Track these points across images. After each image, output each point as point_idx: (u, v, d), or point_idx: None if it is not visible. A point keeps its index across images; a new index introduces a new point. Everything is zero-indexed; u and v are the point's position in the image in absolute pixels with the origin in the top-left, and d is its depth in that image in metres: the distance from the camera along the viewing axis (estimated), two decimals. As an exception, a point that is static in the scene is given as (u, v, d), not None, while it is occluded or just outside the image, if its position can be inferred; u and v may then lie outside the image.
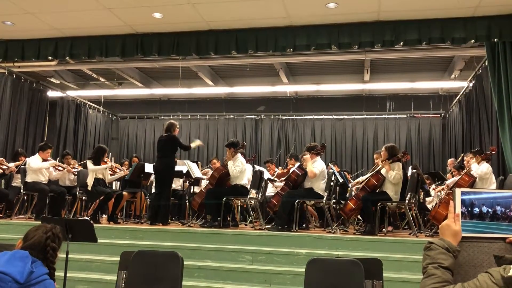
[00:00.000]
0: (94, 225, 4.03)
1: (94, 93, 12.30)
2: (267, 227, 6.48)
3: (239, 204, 8.02)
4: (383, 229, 6.43)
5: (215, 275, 4.99)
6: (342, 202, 7.10)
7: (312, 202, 6.57)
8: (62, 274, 3.73)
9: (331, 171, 6.67)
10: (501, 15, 6.53)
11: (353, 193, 7.30)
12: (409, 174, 6.72)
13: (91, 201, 7.66)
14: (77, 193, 7.76)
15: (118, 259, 3.50)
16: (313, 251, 5.15)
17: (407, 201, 6.08)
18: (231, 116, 12.70)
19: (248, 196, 6.76)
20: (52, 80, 11.31)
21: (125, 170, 7.88)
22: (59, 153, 9.86)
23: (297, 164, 7.16)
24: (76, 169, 8.07)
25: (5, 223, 6.66)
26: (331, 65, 10.44)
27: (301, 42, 7.11)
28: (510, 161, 6.48)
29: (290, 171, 7.02)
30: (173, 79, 11.50)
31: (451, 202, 1.60)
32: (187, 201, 8.08)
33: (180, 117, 12.63)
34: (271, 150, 12.20)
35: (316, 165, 6.45)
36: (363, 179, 7.02)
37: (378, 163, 6.91)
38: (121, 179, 8.15)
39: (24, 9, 6.93)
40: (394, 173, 6.05)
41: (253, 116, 12.56)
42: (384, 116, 11.82)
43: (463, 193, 1.61)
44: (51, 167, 7.65)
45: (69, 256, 3.78)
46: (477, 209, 1.60)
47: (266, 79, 11.26)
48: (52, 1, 6.65)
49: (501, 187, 6.29)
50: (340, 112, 12.00)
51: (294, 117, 12.33)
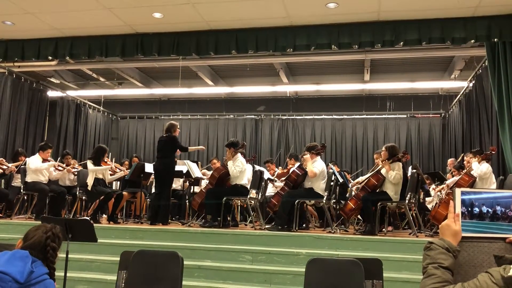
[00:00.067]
0: (94, 225, 4.03)
1: (94, 93, 12.30)
2: (267, 227, 6.48)
3: (239, 204, 8.02)
4: (383, 229, 6.43)
5: (215, 275, 4.99)
6: (342, 202, 7.10)
7: (312, 202, 6.57)
8: (62, 274, 3.73)
9: (331, 171, 6.67)
10: (501, 15, 6.53)
11: (353, 193, 7.30)
12: (409, 174, 6.72)
13: (91, 201, 7.66)
14: (77, 193, 7.76)
15: (118, 259, 3.50)
16: (313, 251, 5.15)
17: (407, 201, 6.08)
18: (231, 116, 12.70)
19: (248, 196, 6.76)
20: (52, 80, 11.31)
21: (125, 170, 7.87)
22: (59, 153, 9.86)
23: (297, 164, 7.16)
24: (76, 169, 8.07)
25: (5, 223, 6.66)
26: (331, 65, 10.44)
27: (301, 42, 7.11)
28: (510, 161, 6.49)
29: (290, 171, 7.02)
30: (173, 79, 11.50)
31: (451, 202, 1.60)
32: (187, 201, 8.08)
33: (180, 117, 12.63)
34: (271, 150, 12.20)
35: (316, 165, 6.45)
36: (362, 179, 7.02)
37: (378, 163, 6.91)
38: (121, 179, 8.15)
39: (24, 9, 6.93)
40: (394, 173, 6.05)
41: (253, 116, 12.56)
42: (384, 116, 11.82)
43: (463, 193, 1.61)
44: (51, 167, 7.65)
45: (69, 256, 3.78)
46: (477, 209, 1.60)
47: (266, 79, 11.26)
48: (52, 1, 6.65)
49: (501, 187, 6.29)
50: (340, 112, 12.00)
51: (294, 117, 12.33)
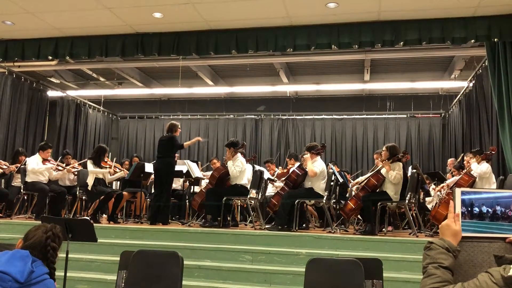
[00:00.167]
0: (94, 224, 4.03)
1: (94, 92, 12.30)
2: (267, 227, 6.49)
3: (239, 204, 8.02)
4: (383, 229, 6.43)
5: (215, 274, 4.99)
6: (342, 202, 7.10)
7: (312, 202, 6.57)
8: (62, 274, 3.73)
9: (331, 171, 6.67)
10: (501, 15, 6.53)
11: (353, 193, 7.30)
12: (409, 174, 6.72)
13: (91, 200, 7.66)
14: (77, 193, 7.76)
15: (118, 258, 3.50)
16: (313, 251, 5.15)
17: (407, 201, 6.08)
18: (231, 116, 12.70)
19: (248, 196, 6.76)
20: (52, 79, 11.30)
21: (125, 170, 7.87)
22: (59, 152, 9.87)
23: (297, 164, 7.16)
24: (76, 169, 8.07)
25: (5, 222, 6.66)
26: (331, 65, 10.44)
27: (301, 42, 7.11)
28: (510, 161, 6.49)
29: (290, 171, 7.02)
30: (173, 79, 11.51)
31: (451, 202, 1.60)
32: (187, 201, 8.08)
33: (180, 117, 12.63)
34: (271, 150, 12.20)
35: (316, 164, 6.45)
36: (362, 179, 7.02)
37: (378, 163, 6.91)
38: (121, 179, 8.16)
39: (24, 9, 6.93)
40: (394, 173, 6.05)
41: (253, 116, 12.56)
42: (384, 116, 11.82)
43: (463, 193, 1.61)
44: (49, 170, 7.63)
45: (69, 255, 3.78)
46: (477, 209, 1.60)
47: (266, 79, 11.25)
48: (52, 1, 6.65)
49: (501, 187, 6.29)
50: (340, 112, 12.00)
51: (294, 117, 12.33)
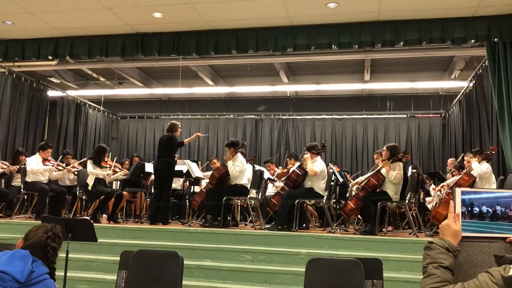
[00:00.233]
0: (94, 224, 4.03)
1: (94, 92, 12.30)
2: (267, 226, 6.49)
3: (239, 203, 8.03)
4: (383, 229, 6.43)
5: (215, 274, 4.99)
6: (342, 202, 7.10)
7: (312, 201, 6.57)
8: (62, 274, 3.73)
9: (331, 171, 6.67)
10: (501, 15, 6.53)
11: (353, 193, 7.30)
12: (409, 174, 6.72)
13: (91, 200, 7.66)
14: (77, 193, 7.76)
15: (118, 258, 3.50)
16: (313, 251, 5.15)
17: (407, 201, 6.08)
18: (231, 116, 12.70)
19: (248, 196, 6.76)
20: (52, 79, 11.31)
21: (125, 170, 7.87)
22: (59, 152, 9.87)
23: (297, 164, 7.17)
24: (76, 169, 8.07)
25: (5, 222, 6.66)
26: (331, 65, 10.44)
27: (301, 41, 7.11)
28: (510, 161, 6.49)
29: (290, 171, 7.02)
30: (173, 78, 11.51)
31: (451, 202, 1.60)
32: (187, 200, 8.08)
33: (180, 116, 12.63)
34: (271, 150, 12.20)
35: (316, 164, 6.45)
36: (362, 179, 7.02)
37: (378, 163, 6.91)
38: (121, 179, 8.16)
39: (25, 9, 6.93)
40: (395, 173, 6.05)
41: (253, 116, 12.56)
42: (384, 116, 11.82)
43: (463, 193, 1.61)
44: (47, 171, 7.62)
45: (69, 255, 3.78)
46: (477, 208, 1.60)
47: (266, 79, 11.25)
48: (52, 1, 6.65)
49: (501, 187, 6.29)
50: (340, 112, 12.00)
51: (294, 117, 12.33)
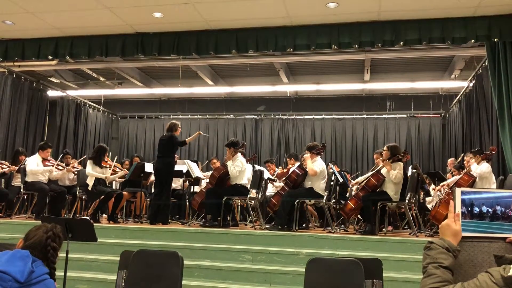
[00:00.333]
0: (94, 224, 4.03)
1: (94, 92, 12.30)
2: (267, 226, 6.49)
3: (239, 203, 8.03)
4: (383, 229, 6.43)
5: (215, 274, 4.99)
6: (342, 202, 7.11)
7: (312, 201, 6.57)
8: (62, 274, 3.73)
9: (331, 171, 6.67)
10: (501, 15, 6.53)
11: (353, 192, 7.31)
12: (409, 174, 6.72)
13: (91, 200, 7.66)
14: (77, 193, 7.76)
15: (118, 258, 3.50)
16: (313, 251, 5.15)
17: (407, 201, 6.08)
18: (231, 115, 12.70)
19: (248, 196, 6.76)
20: (52, 79, 11.31)
21: (125, 170, 7.87)
22: (59, 152, 9.86)
23: (297, 164, 7.17)
24: (76, 169, 8.07)
25: (5, 222, 6.66)
26: (331, 65, 10.44)
27: (301, 41, 7.11)
28: (510, 161, 6.49)
29: (290, 171, 7.02)
30: (173, 78, 11.51)
31: (451, 201, 1.60)
32: (187, 200, 8.08)
33: (180, 116, 12.63)
34: (271, 150, 12.20)
35: (316, 164, 6.45)
36: (362, 179, 7.02)
37: (378, 163, 6.91)
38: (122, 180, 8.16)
39: (25, 9, 6.93)
40: (395, 172, 6.05)
41: (253, 116, 12.56)
42: (384, 116, 11.82)
43: (463, 193, 1.61)
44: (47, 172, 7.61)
45: (69, 255, 3.78)
46: (477, 208, 1.60)
47: (266, 78, 11.25)
48: (52, 1, 6.65)
49: (501, 187, 6.29)
50: (340, 112, 12.00)
51: (294, 117, 12.33)
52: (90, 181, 6.95)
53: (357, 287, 3.04)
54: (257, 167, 7.84)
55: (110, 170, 7.33)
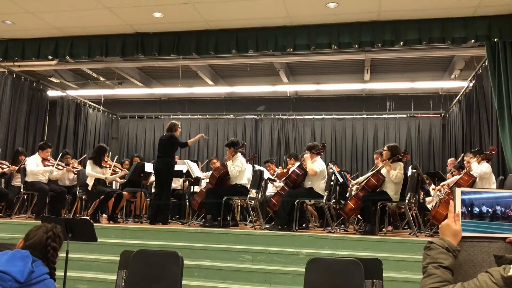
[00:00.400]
0: (94, 224, 4.03)
1: (94, 92, 12.30)
2: (267, 226, 6.49)
3: (239, 203, 8.03)
4: (383, 229, 6.43)
5: (215, 274, 4.99)
6: (342, 202, 7.11)
7: (312, 201, 6.57)
8: (62, 274, 3.73)
9: (331, 171, 6.67)
10: (501, 15, 6.53)
11: (353, 192, 7.30)
12: (409, 174, 6.72)
13: (91, 200, 7.66)
14: (77, 193, 7.76)
15: (118, 258, 3.50)
16: (313, 251, 5.15)
17: (407, 201, 6.08)
18: (231, 115, 12.70)
19: (248, 196, 6.76)
20: (52, 79, 11.31)
21: (125, 170, 7.87)
22: (59, 152, 9.86)
23: (297, 164, 7.17)
24: (76, 169, 8.07)
25: (5, 222, 6.66)
26: (331, 65, 10.44)
27: (301, 41, 7.11)
28: (510, 161, 6.49)
29: (290, 171, 7.02)
30: (173, 78, 11.51)
31: (451, 201, 1.60)
32: (187, 200, 8.08)
33: (180, 116, 12.63)
34: (271, 150, 12.20)
35: (316, 164, 6.45)
36: (362, 179, 7.02)
37: (378, 163, 6.91)
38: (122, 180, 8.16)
39: (25, 9, 6.93)
40: (396, 172, 6.05)
41: (253, 116, 12.56)
42: (384, 116, 11.82)
43: (463, 193, 1.61)
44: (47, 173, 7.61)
45: (69, 255, 3.78)
46: (477, 208, 1.60)
47: (266, 78, 11.26)
48: (52, 1, 6.65)
49: (501, 187, 6.29)
50: (340, 112, 12.00)
51: (294, 117, 12.33)
52: (90, 181, 6.95)
53: (357, 287, 3.04)
54: (257, 167, 7.84)
55: (110, 170, 7.33)
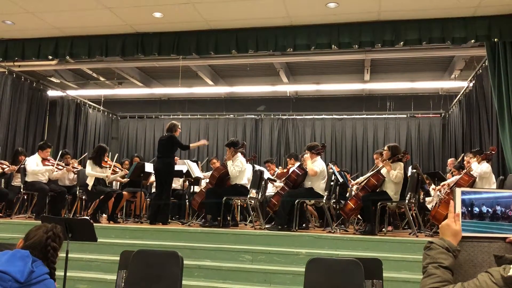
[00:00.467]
0: (94, 224, 4.03)
1: (94, 92, 12.30)
2: (267, 226, 6.49)
3: (239, 203, 8.03)
4: (383, 229, 6.43)
5: (215, 274, 4.99)
6: (342, 202, 7.11)
7: (312, 201, 6.57)
8: (62, 274, 3.73)
9: (331, 171, 6.67)
10: (501, 15, 6.53)
11: (353, 192, 7.30)
12: (409, 174, 6.72)
13: (91, 200, 7.66)
14: (77, 193, 7.76)
15: (118, 258, 3.50)
16: (313, 251, 5.15)
17: (407, 201, 6.08)
18: (231, 115, 12.70)
19: (248, 196, 6.76)
20: (52, 79, 11.31)
21: (125, 170, 7.87)
22: (59, 152, 9.86)
23: (297, 164, 7.17)
24: (76, 168, 8.07)
25: (5, 222, 6.66)
26: (331, 65, 10.44)
27: (301, 41, 7.11)
28: (510, 161, 6.49)
29: (290, 171, 7.02)
30: (173, 78, 11.51)
31: (451, 202, 1.60)
32: (187, 200, 8.08)
33: (180, 116, 12.63)
34: (271, 150, 12.20)
35: (316, 164, 6.45)
36: (362, 179, 7.02)
37: (378, 163, 6.91)
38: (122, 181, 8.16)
39: (25, 9, 6.93)
40: (396, 172, 6.05)
41: (253, 116, 12.56)
42: (384, 116, 11.82)
43: (463, 193, 1.61)
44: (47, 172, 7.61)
45: (69, 255, 3.78)
46: (477, 209, 1.60)
47: (266, 78, 11.25)
48: (52, 1, 6.65)
49: (501, 187, 6.29)
50: (340, 112, 12.00)
51: (294, 117, 12.33)
52: (90, 181, 6.95)
53: (357, 287, 3.04)
54: (257, 167, 7.84)
55: (110, 170, 7.33)
